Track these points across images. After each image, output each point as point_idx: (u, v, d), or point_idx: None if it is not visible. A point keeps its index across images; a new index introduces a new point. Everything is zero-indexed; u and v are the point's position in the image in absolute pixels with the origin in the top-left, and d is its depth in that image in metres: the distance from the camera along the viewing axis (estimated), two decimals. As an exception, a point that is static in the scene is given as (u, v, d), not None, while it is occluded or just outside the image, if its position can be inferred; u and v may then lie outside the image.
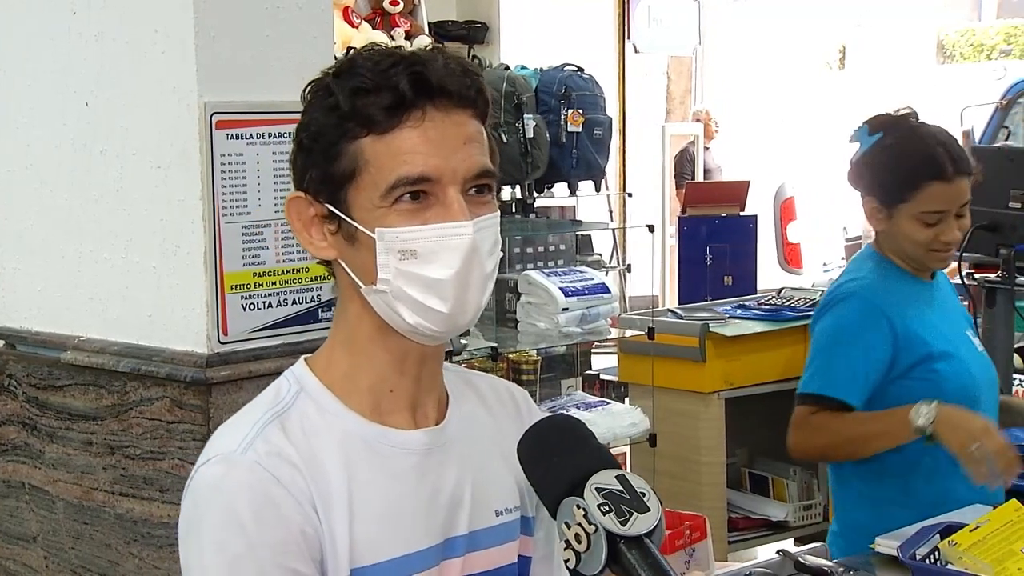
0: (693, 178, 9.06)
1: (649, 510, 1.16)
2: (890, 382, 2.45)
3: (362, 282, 1.32)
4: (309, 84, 1.36)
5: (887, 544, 2.24)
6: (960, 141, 2.52)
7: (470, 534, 1.39)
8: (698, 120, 9.99)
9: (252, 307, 2.42)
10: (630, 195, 8.25)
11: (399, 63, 1.29)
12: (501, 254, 1.37)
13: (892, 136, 2.48)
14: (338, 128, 1.29)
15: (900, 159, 2.45)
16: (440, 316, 1.31)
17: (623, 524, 1.14)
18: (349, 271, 1.34)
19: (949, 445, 2.29)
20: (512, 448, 1.45)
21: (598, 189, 4.90)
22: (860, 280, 2.53)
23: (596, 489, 1.16)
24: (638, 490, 1.17)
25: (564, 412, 4.04)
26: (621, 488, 1.16)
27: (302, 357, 1.41)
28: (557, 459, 1.22)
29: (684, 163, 9.64)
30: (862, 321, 2.45)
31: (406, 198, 1.28)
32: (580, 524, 1.15)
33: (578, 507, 1.15)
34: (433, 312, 1.30)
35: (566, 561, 1.15)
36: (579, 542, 1.14)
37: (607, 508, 1.14)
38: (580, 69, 4.74)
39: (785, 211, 9.12)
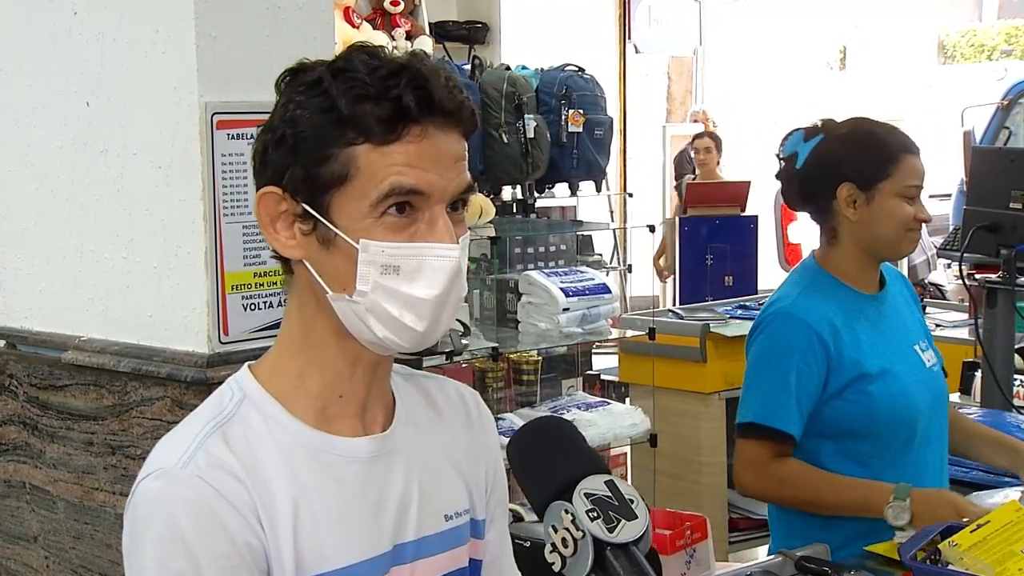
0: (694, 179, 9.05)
1: (637, 517, 1.16)
2: (823, 403, 2.38)
3: (329, 288, 1.30)
4: (287, 74, 1.33)
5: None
6: (960, 141, 2.53)
7: (419, 540, 1.38)
8: (696, 120, 9.98)
9: (253, 307, 2.42)
10: (631, 195, 8.25)
11: (401, 73, 1.27)
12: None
13: (842, 128, 2.47)
14: (333, 131, 1.26)
15: (872, 138, 2.43)
16: (413, 334, 1.29)
17: (611, 531, 1.14)
18: (316, 274, 1.31)
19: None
20: (462, 451, 1.45)
21: (599, 189, 4.90)
22: (792, 298, 2.46)
23: (585, 494, 1.16)
24: (626, 497, 1.17)
25: (558, 414, 4.04)
26: (610, 494, 1.17)
27: (246, 363, 1.39)
28: (547, 461, 1.22)
29: (683, 164, 9.64)
30: (793, 343, 2.38)
31: (393, 211, 1.27)
32: (568, 529, 1.15)
33: (566, 512, 1.15)
34: (407, 329, 1.29)
35: (551, 564, 1.15)
36: (566, 546, 1.15)
37: (595, 514, 1.15)
38: (581, 69, 4.74)
39: (786, 211, 9.11)
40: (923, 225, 2.44)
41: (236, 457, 1.28)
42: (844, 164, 2.44)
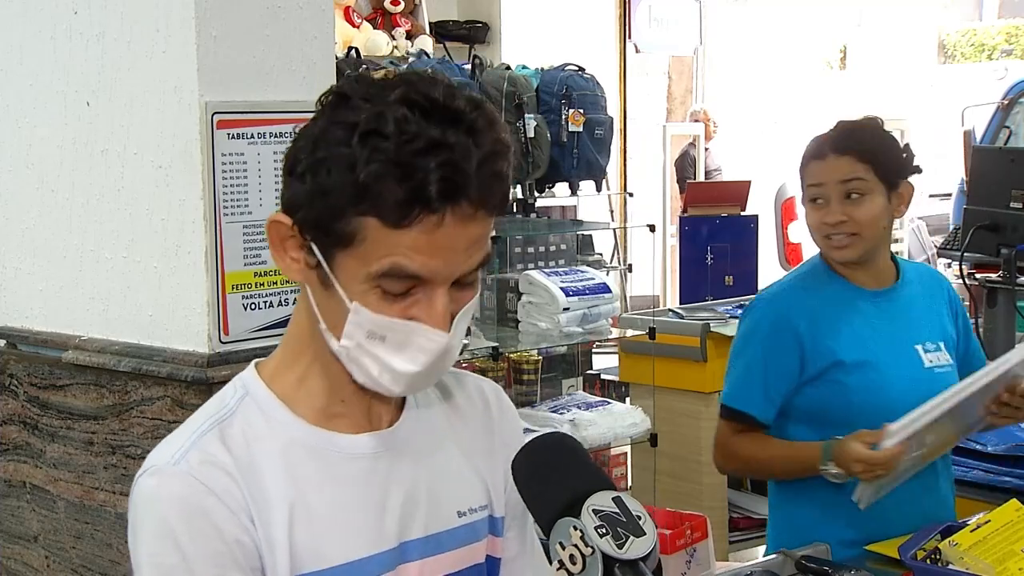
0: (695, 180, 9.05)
1: (645, 534, 1.15)
2: (799, 389, 2.43)
3: (323, 320, 1.29)
4: (333, 96, 1.26)
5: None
6: (961, 141, 2.52)
7: (428, 537, 1.37)
8: (696, 120, 9.97)
9: (253, 307, 2.42)
10: (631, 195, 8.24)
11: (433, 151, 1.18)
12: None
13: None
14: (350, 195, 1.20)
15: (811, 141, 2.49)
16: (391, 391, 1.29)
17: (620, 547, 1.14)
18: (313, 304, 1.30)
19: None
20: (480, 447, 1.44)
21: (599, 189, 4.90)
22: (777, 288, 2.54)
23: (593, 511, 1.16)
24: (634, 513, 1.17)
25: (558, 414, 4.04)
26: (618, 511, 1.16)
27: (253, 361, 1.39)
28: (555, 478, 1.21)
29: (685, 167, 9.63)
30: (768, 330, 2.46)
31: (391, 285, 1.23)
32: (576, 545, 1.14)
33: (575, 528, 1.15)
34: (384, 387, 1.29)
35: None
36: (574, 563, 1.14)
37: (604, 531, 1.14)
38: (581, 69, 4.74)
39: (786, 211, 9.11)
40: (923, 224, 2.45)
41: (231, 454, 1.28)
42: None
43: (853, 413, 2.39)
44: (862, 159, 2.41)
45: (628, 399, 4.73)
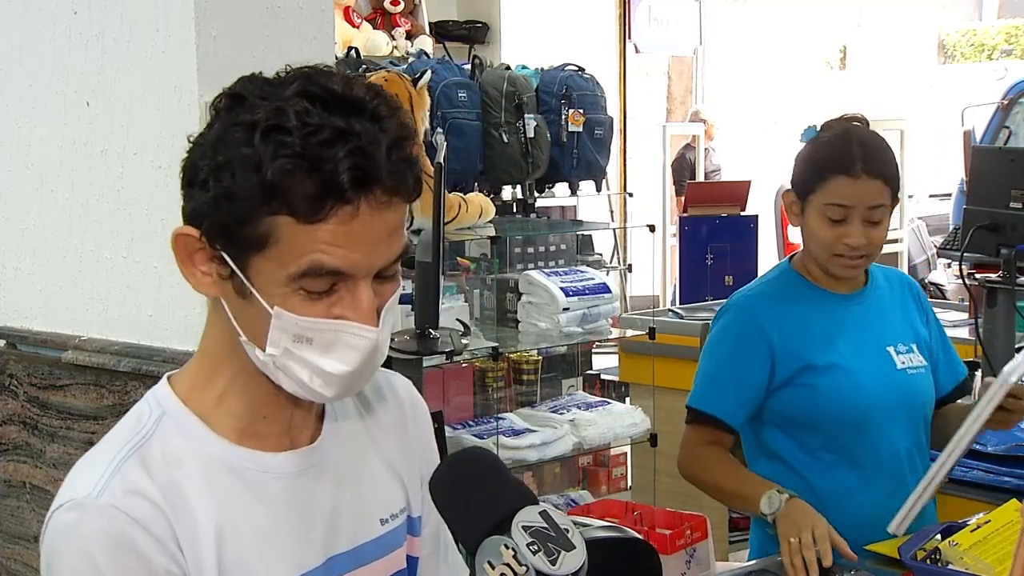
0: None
1: (575, 547, 1.14)
2: (771, 393, 2.41)
3: (243, 333, 1.24)
4: (226, 99, 1.23)
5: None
6: (961, 141, 2.49)
7: (353, 550, 1.34)
8: (694, 120, 9.96)
9: (253, 307, 2.42)
10: (631, 195, 8.24)
11: (341, 141, 1.15)
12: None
13: (825, 133, 2.44)
14: (257, 196, 1.16)
15: (816, 150, 2.40)
16: (324, 396, 1.25)
17: (553, 563, 1.12)
18: (231, 317, 1.24)
19: (779, 533, 2.21)
20: (395, 446, 1.41)
21: (599, 189, 4.90)
22: (746, 292, 2.51)
23: (523, 527, 1.14)
24: (563, 527, 1.15)
25: (558, 414, 4.04)
26: (546, 526, 1.15)
27: (165, 375, 1.33)
28: (478, 496, 1.18)
29: (682, 169, 9.60)
30: (738, 335, 2.43)
31: (312, 285, 1.19)
32: (508, 564, 1.12)
33: (506, 547, 1.13)
34: (317, 392, 1.24)
35: None
36: None
37: (536, 547, 1.12)
38: (581, 69, 4.74)
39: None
40: (923, 224, 2.44)
41: (153, 482, 1.22)
42: (793, 169, 2.45)
43: (822, 416, 2.38)
44: (887, 184, 2.36)
45: (628, 399, 4.73)
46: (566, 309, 3.92)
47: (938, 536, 2.19)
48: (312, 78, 1.21)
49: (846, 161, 2.34)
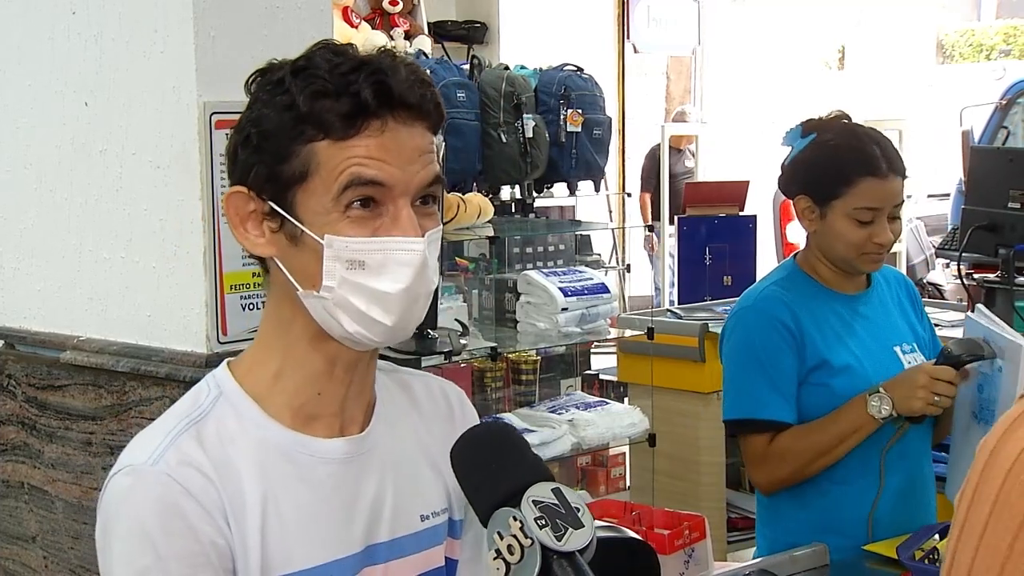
0: (658, 185, 8.85)
1: (583, 526, 1.15)
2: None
3: (299, 285, 1.30)
4: (256, 75, 1.33)
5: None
6: (959, 141, 2.51)
7: (392, 541, 1.38)
8: (676, 120, 9.84)
9: (252, 307, 2.42)
10: (629, 195, 8.26)
11: (361, 68, 1.27)
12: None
13: (828, 134, 2.44)
14: (293, 129, 1.27)
15: (836, 154, 2.40)
16: (382, 328, 1.29)
17: (559, 539, 1.13)
18: (286, 272, 1.32)
19: (914, 410, 2.30)
20: (442, 450, 1.41)
21: (597, 189, 4.91)
22: (755, 295, 2.50)
23: (533, 501, 1.15)
24: (573, 505, 1.16)
25: (557, 414, 4.04)
26: (557, 502, 1.16)
27: (226, 360, 1.39)
28: (495, 467, 1.20)
29: (651, 177, 9.42)
30: (760, 337, 2.42)
31: (357, 205, 1.27)
32: (515, 536, 1.14)
33: (515, 519, 1.14)
34: (376, 323, 1.29)
35: (496, 570, 1.15)
36: (511, 553, 1.13)
37: (544, 522, 1.14)
38: (579, 69, 4.75)
39: (784, 211, 9.10)
40: (921, 224, 2.45)
41: (207, 455, 1.28)
42: (805, 174, 2.45)
43: None
44: (905, 178, 2.41)
45: (627, 399, 4.73)
46: (564, 309, 3.92)
47: (936, 536, 2.19)
48: (329, 44, 1.32)
49: (873, 163, 2.36)
